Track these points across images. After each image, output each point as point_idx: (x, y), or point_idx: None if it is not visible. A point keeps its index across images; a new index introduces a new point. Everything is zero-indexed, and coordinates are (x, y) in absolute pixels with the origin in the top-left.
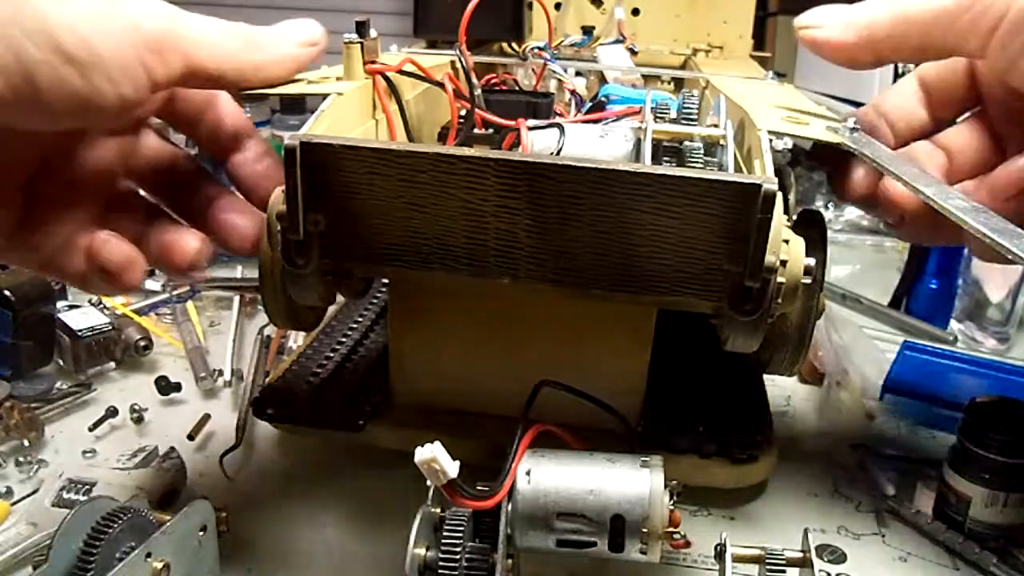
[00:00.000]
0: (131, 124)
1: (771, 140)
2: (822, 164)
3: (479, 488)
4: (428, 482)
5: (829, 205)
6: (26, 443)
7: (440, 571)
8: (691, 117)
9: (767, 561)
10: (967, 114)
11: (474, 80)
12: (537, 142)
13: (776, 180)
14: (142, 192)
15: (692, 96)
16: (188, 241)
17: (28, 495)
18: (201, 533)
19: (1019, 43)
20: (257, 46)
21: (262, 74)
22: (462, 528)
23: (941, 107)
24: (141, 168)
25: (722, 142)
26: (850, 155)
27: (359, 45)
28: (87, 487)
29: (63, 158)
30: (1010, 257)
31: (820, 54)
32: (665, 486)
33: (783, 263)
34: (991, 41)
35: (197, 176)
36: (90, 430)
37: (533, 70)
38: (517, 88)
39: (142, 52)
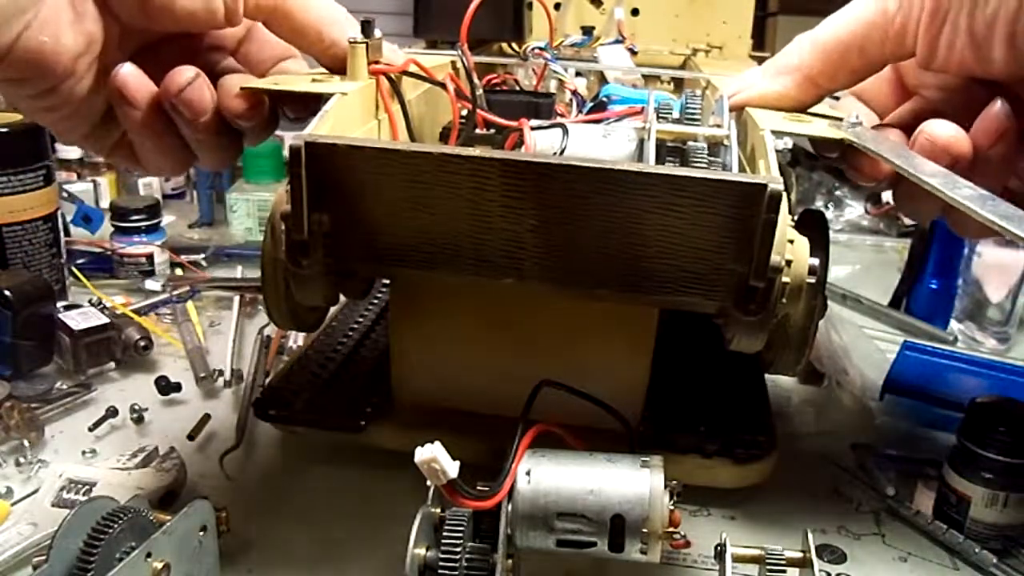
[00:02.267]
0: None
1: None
2: (827, 160)
3: (479, 488)
4: (428, 482)
5: (829, 205)
6: (26, 443)
7: (440, 571)
8: (694, 117)
9: (767, 561)
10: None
11: (476, 80)
12: (540, 142)
13: (782, 180)
14: None
15: (695, 96)
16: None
17: (28, 495)
18: (201, 533)
19: (947, 25)
20: (347, 29)
21: (333, 50)
22: (462, 528)
23: (882, 109)
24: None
25: (726, 142)
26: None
27: (364, 45)
28: (87, 487)
29: (148, 56)
30: (1020, 243)
31: (762, 107)
32: (665, 486)
33: (788, 263)
34: (918, 35)
35: None
36: (90, 430)
37: (534, 70)
38: (518, 88)
39: None
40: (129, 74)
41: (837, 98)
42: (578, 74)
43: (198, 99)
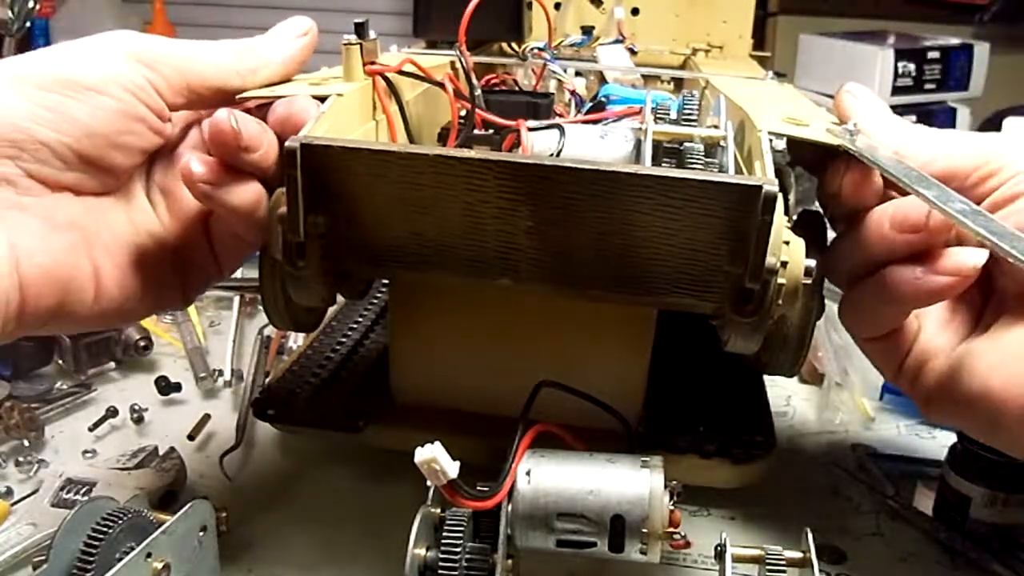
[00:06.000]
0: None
1: (771, 141)
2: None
3: (479, 488)
4: (428, 482)
5: None
6: (26, 443)
7: (440, 571)
8: (691, 118)
9: (767, 561)
10: None
11: (474, 80)
12: (537, 143)
13: (777, 181)
14: None
15: (692, 97)
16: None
17: (28, 495)
18: (201, 533)
19: None
20: (249, 50)
21: (262, 73)
22: (462, 528)
23: None
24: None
25: (722, 143)
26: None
27: (358, 46)
28: (87, 487)
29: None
30: (1011, 260)
31: None
32: (665, 486)
33: (784, 264)
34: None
35: None
36: (90, 430)
37: (533, 70)
38: (517, 88)
39: (137, 67)
40: (188, 161)
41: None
42: (577, 74)
43: (255, 133)
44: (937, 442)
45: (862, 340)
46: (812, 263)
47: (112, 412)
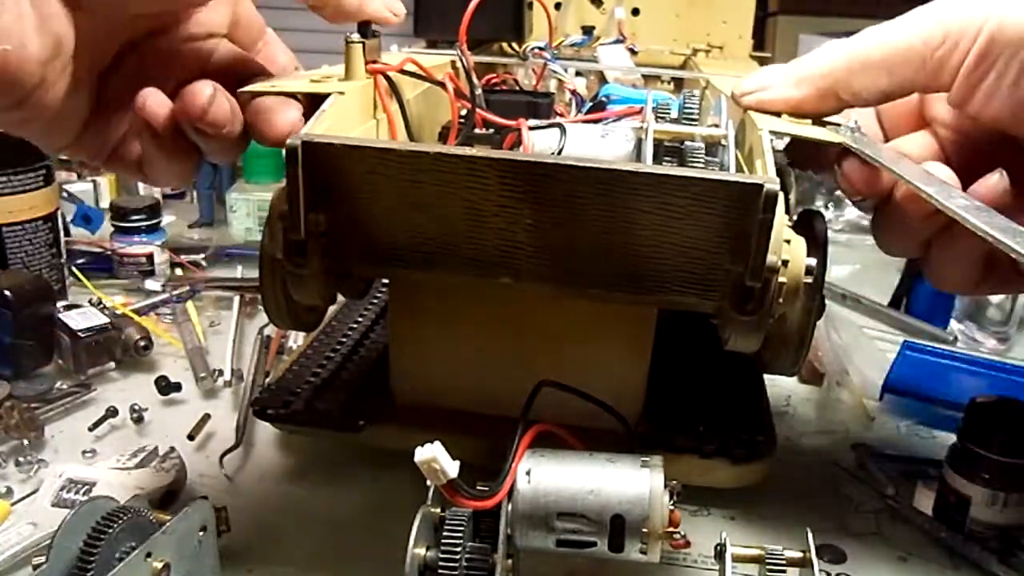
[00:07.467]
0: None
1: (772, 140)
2: (795, 165)
3: (479, 488)
4: (428, 482)
5: (829, 205)
6: (26, 443)
7: (440, 571)
8: (692, 117)
9: (767, 561)
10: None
11: (475, 80)
12: (538, 142)
13: (778, 180)
14: None
15: (693, 96)
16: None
17: (28, 495)
18: (201, 533)
19: (991, 75)
20: None
21: None
22: (462, 528)
23: (893, 128)
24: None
25: (723, 142)
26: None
27: (361, 45)
28: (87, 487)
29: (136, 51)
30: (1013, 256)
31: (774, 111)
32: (665, 486)
33: (784, 263)
34: (958, 75)
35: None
36: (90, 430)
37: (533, 70)
38: (517, 88)
39: None
40: (148, 96)
41: None
42: (578, 74)
43: (222, 117)
44: (937, 442)
45: None
46: (813, 262)
47: (112, 412)
